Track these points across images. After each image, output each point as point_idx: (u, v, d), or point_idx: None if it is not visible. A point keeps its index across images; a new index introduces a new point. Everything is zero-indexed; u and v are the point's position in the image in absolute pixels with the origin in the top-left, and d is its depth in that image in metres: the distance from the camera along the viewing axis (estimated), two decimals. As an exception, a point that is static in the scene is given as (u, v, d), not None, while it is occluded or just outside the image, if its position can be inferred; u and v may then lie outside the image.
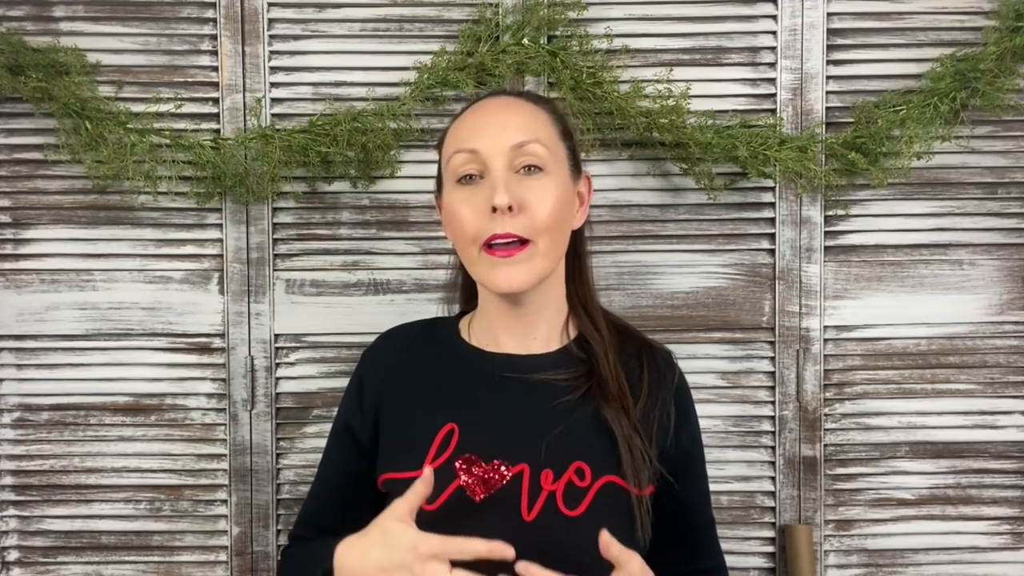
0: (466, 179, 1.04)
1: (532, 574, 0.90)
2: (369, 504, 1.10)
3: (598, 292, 1.52)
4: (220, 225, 1.53)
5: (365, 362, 1.17)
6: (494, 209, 0.99)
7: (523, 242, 1.01)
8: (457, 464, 1.03)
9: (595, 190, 1.51)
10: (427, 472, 0.94)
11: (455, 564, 0.91)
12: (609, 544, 0.91)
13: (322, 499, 1.17)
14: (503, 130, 1.03)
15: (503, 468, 1.02)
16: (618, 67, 1.50)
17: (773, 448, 1.55)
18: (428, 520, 1.00)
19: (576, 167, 1.10)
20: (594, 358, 1.07)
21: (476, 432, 1.05)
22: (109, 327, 1.53)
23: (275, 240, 1.54)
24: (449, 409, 1.06)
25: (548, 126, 1.06)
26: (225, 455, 1.54)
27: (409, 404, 1.10)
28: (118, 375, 1.54)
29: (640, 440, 1.04)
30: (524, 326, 1.09)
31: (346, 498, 1.13)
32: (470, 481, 1.02)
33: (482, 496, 1.01)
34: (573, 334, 1.11)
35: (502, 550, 0.90)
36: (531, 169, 1.03)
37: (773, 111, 1.52)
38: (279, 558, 1.52)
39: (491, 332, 1.10)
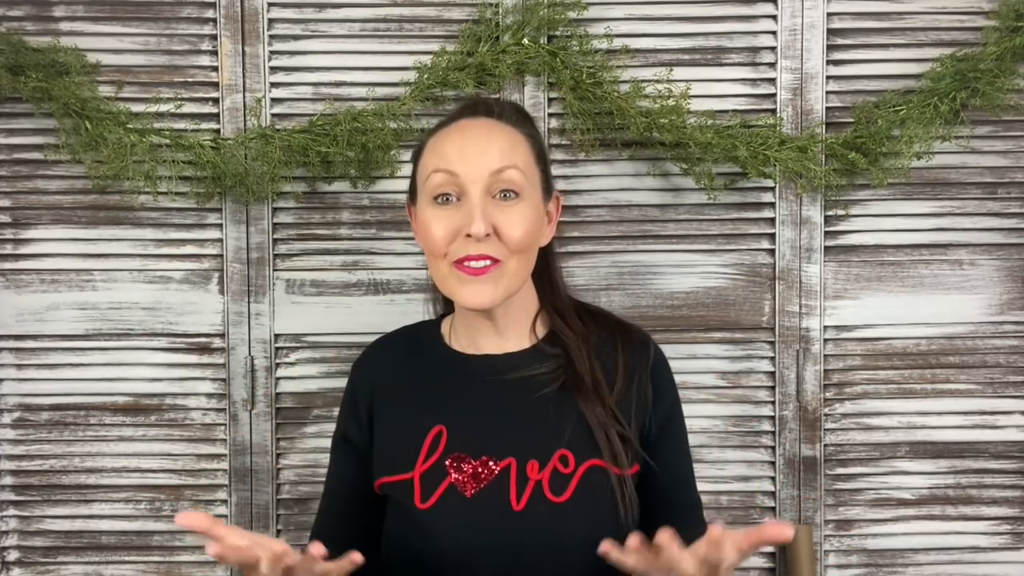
0: (443, 198, 1.06)
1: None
2: (377, 509, 1.13)
3: (598, 292, 1.53)
4: (220, 225, 1.53)
5: (355, 373, 1.20)
6: (469, 235, 1.03)
7: (494, 261, 1.05)
8: (447, 463, 1.07)
9: (595, 190, 1.53)
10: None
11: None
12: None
13: (333, 513, 1.19)
14: (484, 154, 1.05)
15: (491, 463, 1.06)
16: (618, 67, 1.50)
17: (773, 448, 1.55)
18: (423, 517, 1.05)
19: (548, 188, 1.13)
20: (568, 354, 1.11)
21: (463, 431, 1.09)
22: (109, 327, 1.53)
23: (275, 240, 1.54)
24: (437, 412, 1.10)
25: (526, 151, 1.09)
26: (225, 455, 1.54)
27: (399, 409, 1.14)
28: (118, 375, 1.54)
29: (618, 424, 1.08)
30: (497, 328, 1.12)
31: (356, 508, 1.15)
32: (460, 478, 1.06)
33: (473, 491, 1.05)
34: (543, 331, 1.15)
35: None
36: (507, 194, 1.05)
37: (773, 111, 1.52)
38: None
39: (469, 336, 1.14)
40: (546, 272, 1.17)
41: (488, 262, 1.04)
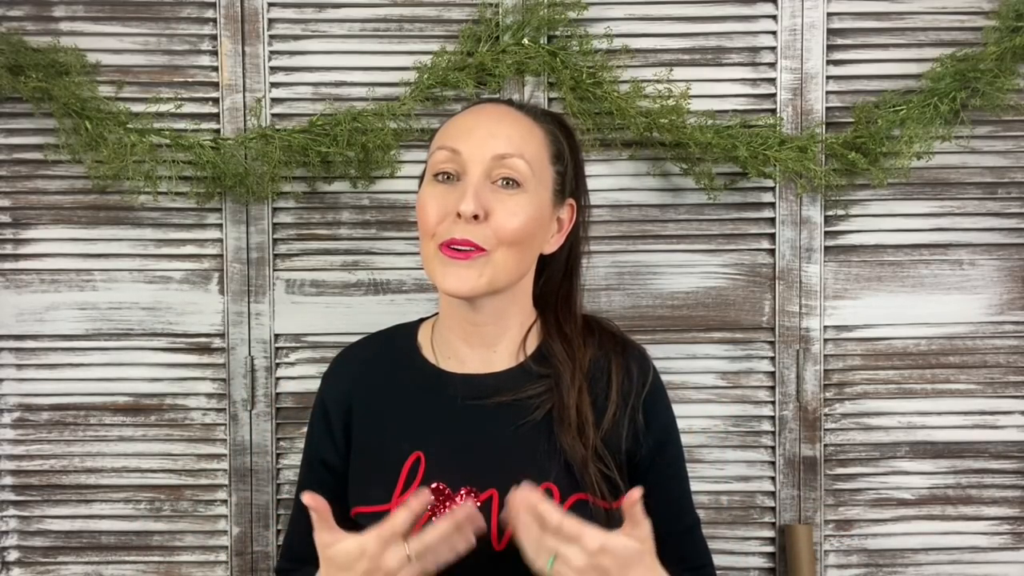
0: (443, 176, 1.03)
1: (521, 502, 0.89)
2: (354, 528, 1.06)
3: (598, 292, 1.53)
4: (220, 225, 1.53)
5: (326, 388, 1.14)
6: (459, 215, 0.99)
7: (479, 250, 1.00)
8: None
9: (595, 190, 1.51)
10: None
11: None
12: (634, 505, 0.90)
13: (305, 531, 1.10)
14: (490, 137, 1.01)
15: (472, 496, 1.01)
16: (618, 67, 1.50)
17: (773, 448, 1.55)
18: None
19: (562, 193, 1.07)
20: (558, 382, 1.05)
21: (443, 459, 1.03)
22: (109, 327, 1.54)
23: (275, 240, 1.54)
24: (414, 436, 1.05)
25: (540, 146, 1.04)
26: (225, 455, 1.54)
27: (374, 430, 1.08)
28: (118, 375, 1.54)
29: (603, 463, 1.03)
30: (483, 337, 1.07)
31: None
32: (439, 512, 1.01)
33: None
34: (532, 347, 1.09)
35: (468, 517, 0.91)
36: (508, 183, 1.01)
37: (773, 111, 1.52)
38: None
39: (451, 344, 1.09)
40: (564, 289, 1.11)
41: (472, 249, 0.99)
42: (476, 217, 0.98)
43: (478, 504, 1.01)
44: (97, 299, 1.53)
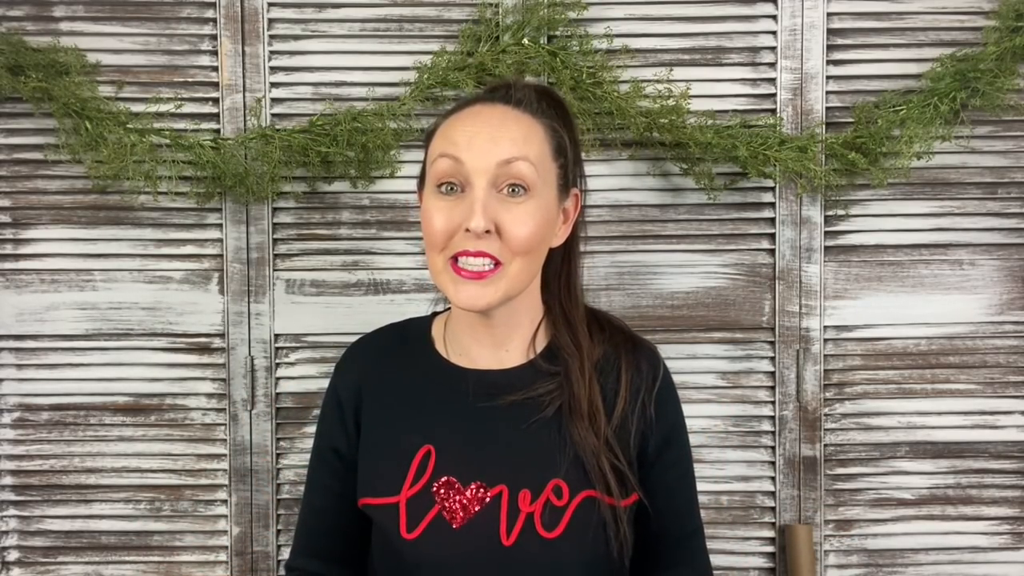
0: (447, 188, 0.99)
1: None
2: (365, 521, 1.08)
3: (598, 292, 1.53)
4: (220, 225, 1.53)
5: (339, 377, 1.13)
6: (468, 229, 0.97)
7: (495, 264, 0.98)
8: (435, 488, 1.02)
9: (595, 190, 1.53)
10: None
11: None
12: None
13: (316, 526, 1.12)
14: (493, 143, 0.98)
15: (481, 490, 1.01)
16: (618, 67, 1.50)
17: (773, 448, 1.55)
18: (408, 549, 1.00)
19: (565, 185, 1.05)
20: (568, 374, 1.04)
21: (453, 453, 1.03)
22: (109, 327, 1.54)
23: (275, 240, 1.54)
24: (425, 429, 1.04)
25: (542, 143, 1.01)
26: (225, 455, 1.54)
27: (386, 422, 1.08)
28: (118, 375, 1.54)
29: (613, 455, 1.02)
30: (495, 337, 1.06)
31: (341, 520, 1.10)
32: (449, 506, 1.01)
33: (461, 521, 1.00)
34: (543, 342, 1.08)
35: None
36: (515, 190, 0.98)
37: (773, 111, 1.52)
38: None
39: (463, 343, 1.08)
40: (564, 275, 1.09)
41: (487, 261, 0.98)
42: (487, 232, 0.97)
43: (487, 499, 1.01)
44: (97, 299, 1.53)
